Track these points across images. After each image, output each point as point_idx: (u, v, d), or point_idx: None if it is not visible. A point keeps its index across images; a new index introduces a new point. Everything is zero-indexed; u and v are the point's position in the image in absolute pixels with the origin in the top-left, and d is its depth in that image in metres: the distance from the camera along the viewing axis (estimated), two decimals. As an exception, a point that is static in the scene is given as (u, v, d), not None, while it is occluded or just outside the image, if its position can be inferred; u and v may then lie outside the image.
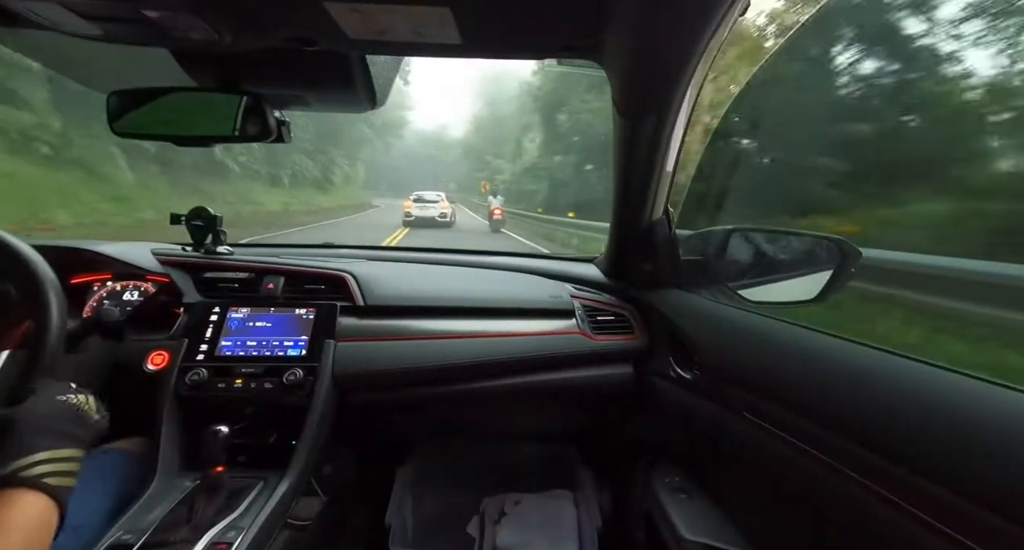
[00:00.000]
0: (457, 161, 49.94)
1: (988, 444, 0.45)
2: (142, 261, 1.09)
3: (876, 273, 2.21)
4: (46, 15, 0.60)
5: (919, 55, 2.83)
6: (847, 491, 0.57)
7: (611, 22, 0.62)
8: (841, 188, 2.96)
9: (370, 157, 41.94)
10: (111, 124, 0.77)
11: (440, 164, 54.03)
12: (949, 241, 2.19)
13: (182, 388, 0.92)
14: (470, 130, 51.44)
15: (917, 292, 2.11)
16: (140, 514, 0.77)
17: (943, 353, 1.66)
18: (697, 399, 0.94)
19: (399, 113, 42.47)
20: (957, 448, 0.47)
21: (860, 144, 2.97)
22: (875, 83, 3.24)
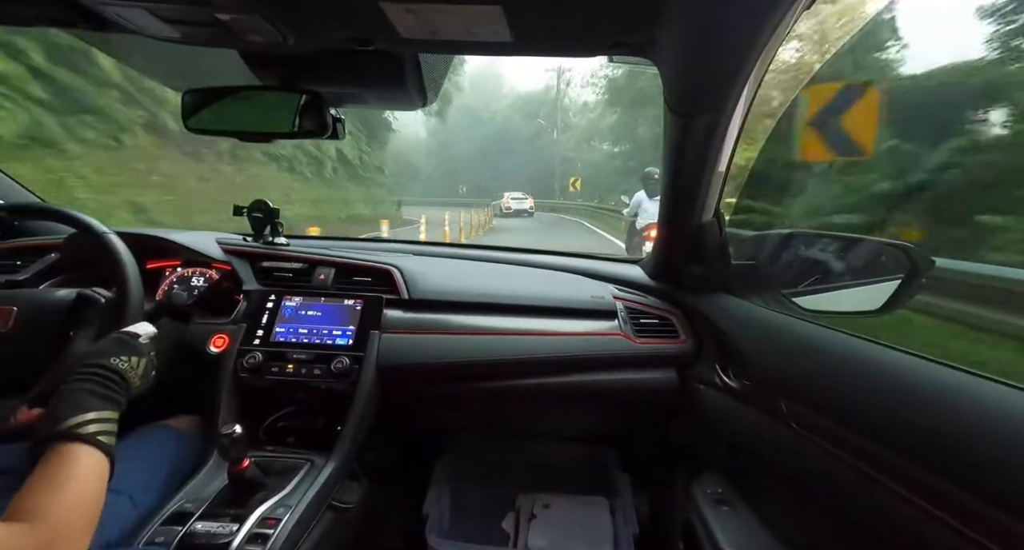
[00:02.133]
0: (522, 161, 39.12)
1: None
2: (208, 249, 1.17)
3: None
4: (134, 20, 0.65)
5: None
6: (903, 513, 0.54)
7: (665, 17, 0.61)
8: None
9: (398, 148, 33.16)
10: (185, 121, 0.83)
11: (496, 159, 42.16)
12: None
13: (240, 370, 0.98)
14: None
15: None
16: (199, 487, 0.83)
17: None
18: (744, 408, 0.90)
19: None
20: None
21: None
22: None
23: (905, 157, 2.90)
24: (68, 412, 0.56)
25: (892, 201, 2.83)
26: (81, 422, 0.56)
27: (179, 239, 1.16)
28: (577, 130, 36.70)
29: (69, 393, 0.59)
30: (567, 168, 33.21)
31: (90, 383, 0.60)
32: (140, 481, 0.80)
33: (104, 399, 0.60)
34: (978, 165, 2.47)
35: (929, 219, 2.51)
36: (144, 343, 0.72)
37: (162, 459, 0.87)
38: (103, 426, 0.58)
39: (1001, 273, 1.93)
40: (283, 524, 0.76)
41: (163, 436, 0.93)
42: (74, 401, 0.58)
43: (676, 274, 1.19)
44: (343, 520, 0.97)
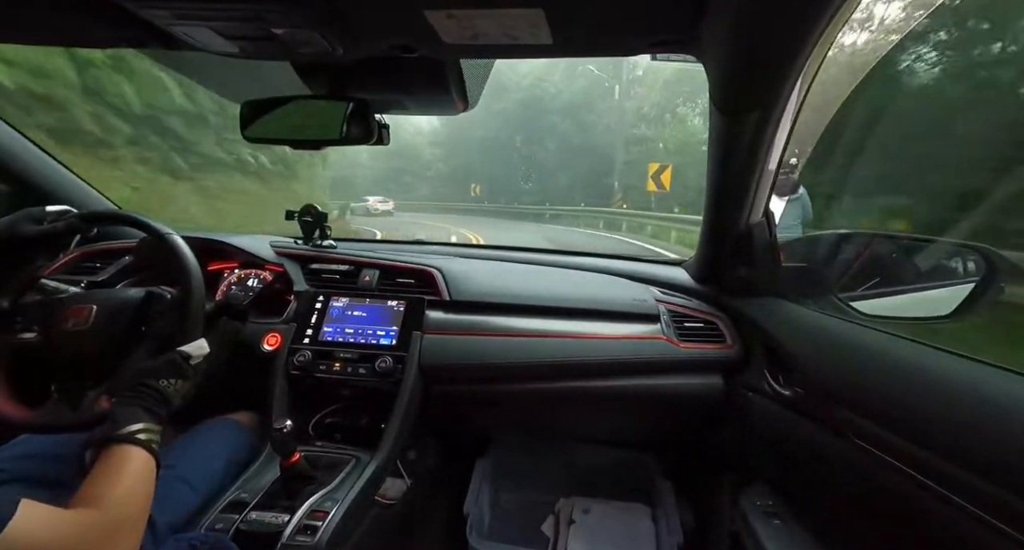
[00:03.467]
0: (564, 145, 24.25)
1: None
2: (262, 252, 1.23)
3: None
4: (198, 38, 0.70)
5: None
6: (970, 532, 0.49)
7: (711, 12, 0.59)
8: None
9: (399, 135, 23.02)
10: (243, 130, 0.88)
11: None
12: None
13: (291, 367, 1.02)
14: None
15: None
16: (254, 477, 0.87)
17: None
18: (796, 417, 0.86)
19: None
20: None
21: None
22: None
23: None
24: (124, 421, 0.65)
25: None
26: (133, 431, 0.65)
27: (236, 242, 1.22)
28: (651, 96, 21.59)
29: (125, 406, 0.68)
30: (639, 154, 20.08)
31: (141, 399, 0.70)
32: (202, 471, 0.86)
33: (151, 413, 0.69)
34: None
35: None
36: (194, 364, 0.78)
37: (223, 451, 0.93)
38: (150, 435, 0.66)
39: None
40: (331, 517, 0.79)
41: (225, 430, 0.99)
42: (130, 413, 0.67)
43: (722, 277, 1.15)
44: (386, 516, 1.00)
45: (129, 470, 0.61)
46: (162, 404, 0.71)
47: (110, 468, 0.61)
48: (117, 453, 0.62)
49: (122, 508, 0.58)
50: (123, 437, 0.63)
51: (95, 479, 0.59)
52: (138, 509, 0.60)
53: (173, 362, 0.75)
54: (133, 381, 0.72)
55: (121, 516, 0.57)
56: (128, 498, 0.59)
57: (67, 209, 0.84)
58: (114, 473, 0.60)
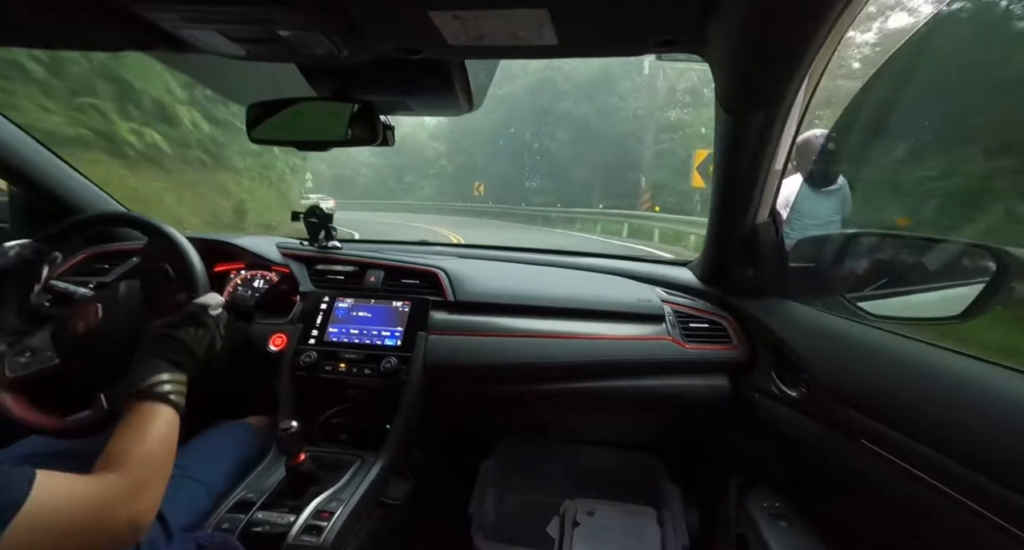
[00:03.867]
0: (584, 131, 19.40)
1: None
2: (268, 253, 1.23)
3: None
4: (206, 40, 0.70)
5: None
6: (983, 536, 0.49)
7: (717, 12, 0.59)
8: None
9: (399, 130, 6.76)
10: (249, 132, 0.88)
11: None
12: None
13: (296, 368, 1.03)
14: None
15: None
16: (260, 478, 0.88)
17: None
18: (804, 419, 0.85)
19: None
20: None
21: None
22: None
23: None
24: (143, 375, 0.65)
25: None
26: (154, 382, 0.64)
27: (242, 243, 1.23)
28: (687, 72, 16.10)
29: (144, 359, 0.67)
30: (673, 143, 16.47)
31: (161, 350, 0.69)
32: (214, 472, 0.87)
33: (173, 364, 0.68)
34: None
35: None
36: (214, 314, 0.78)
37: (235, 453, 0.94)
38: (173, 386, 0.65)
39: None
40: (336, 517, 0.79)
41: (237, 432, 1.00)
42: (148, 366, 0.66)
43: (728, 277, 1.14)
44: (391, 516, 1.00)
45: (152, 428, 0.61)
46: (185, 354, 0.70)
47: (133, 425, 0.61)
48: (140, 410, 0.62)
49: (144, 467, 0.58)
50: (145, 392, 0.63)
51: (119, 437, 0.60)
52: (160, 467, 0.60)
53: (190, 313, 0.75)
54: (153, 335, 0.71)
55: (143, 475, 0.57)
56: (150, 456, 0.59)
57: (27, 241, 0.83)
58: (137, 431, 0.60)
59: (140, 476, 0.57)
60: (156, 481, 0.59)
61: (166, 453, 0.62)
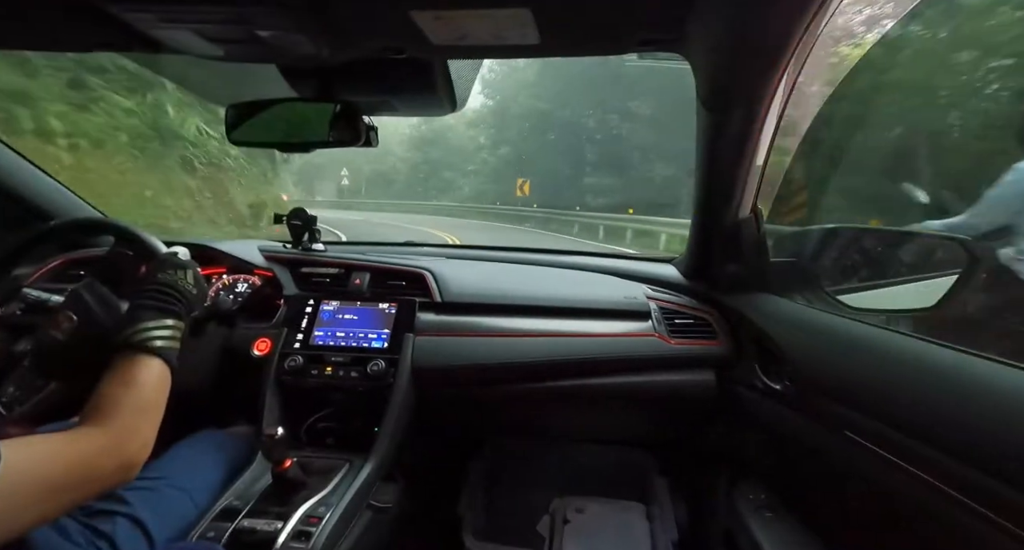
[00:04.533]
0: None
1: None
2: (251, 256, 1.21)
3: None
4: (182, 40, 0.69)
5: None
6: (963, 523, 0.50)
7: (696, 11, 0.59)
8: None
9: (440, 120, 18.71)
10: (228, 134, 0.87)
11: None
12: None
13: (281, 373, 1.01)
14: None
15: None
16: (246, 485, 0.86)
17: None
18: (787, 412, 0.87)
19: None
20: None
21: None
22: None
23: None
24: (127, 325, 0.62)
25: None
26: (137, 330, 0.62)
27: (224, 247, 1.21)
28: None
29: (130, 311, 0.65)
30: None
31: (146, 299, 0.66)
32: (199, 481, 0.85)
33: (160, 311, 0.65)
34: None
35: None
36: (185, 259, 0.76)
37: (220, 461, 0.92)
38: (161, 332, 0.63)
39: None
40: (324, 522, 0.78)
41: (222, 440, 0.98)
42: (132, 316, 0.64)
43: (712, 273, 1.16)
44: (381, 520, 0.99)
45: (141, 380, 0.59)
46: (174, 298, 0.68)
47: (120, 376, 0.58)
48: (121, 362, 0.60)
49: (129, 412, 0.56)
50: (123, 343, 0.61)
51: (100, 391, 0.57)
52: (147, 412, 0.58)
53: (162, 261, 0.73)
54: (134, 293, 0.68)
55: (129, 421, 0.55)
56: (134, 408, 0.57)
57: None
58: (124, 381, 0.58)
59: (126, 422, 0.55)
60: (143, 426, 0.57)
61: (152, 404, 0.59)
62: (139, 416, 0.57)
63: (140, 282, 0.71)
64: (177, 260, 0.74)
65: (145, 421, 0.58)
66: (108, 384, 0.58)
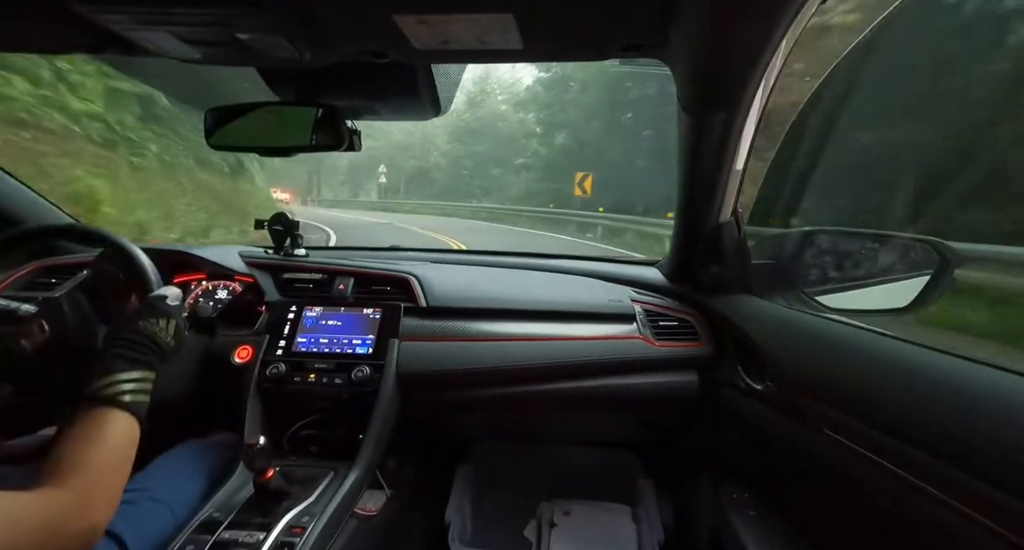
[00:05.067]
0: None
1: None
2: (231, 262, 1.19)
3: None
4: (159, 43, 0.67)
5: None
6: (942, 520, 0.52)
7: (677, 17, 0.60)
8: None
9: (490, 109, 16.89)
10: (207, 138, 0.85)
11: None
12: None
13: (263, 381, 0.99)
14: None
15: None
16: (227, 496, 0.84)
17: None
18: (769, 412, 0.88)
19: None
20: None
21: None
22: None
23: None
24: (96, 377, 0.60)
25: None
26: (107, 384, 0.59)
27: (203, 253, 1.19)
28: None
29: (103, 360, 0.62)
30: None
31: (121, 348, 0.63)
32: (180, 493, 0.83)
33: (133, 362, 0.63)
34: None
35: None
36: (173, 305, 0.74)
37: (201, 472, 0.90)
38: (133, 386, 0.60)
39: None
40: (309, 532, 0.76)
41: (203, 450, 0.96)
42: (103, 367, 0.61)
43: (694, 275, 1.17)
44: (367, 528, 0.98)
45: (109, 437, 0.56)
46: (149, 349, 0.65)
47: (86, 431, 0.55)
48: (87, 415, 0.57)
49: (95, 474, 0.53)
50: (91, 396, 0.58)
51: (66, 442, 0.54)
52: (114, 474, 0.56)
53: (148, 305, 0.70)
54: (110, 336, 0.66)
55: (94, 483, 0.53)
56: (105, 467, 0.54)
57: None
58: (90, 437, 0.55)
59: (91, 485, 0.52)
60: (111, 486, 0.55)
61: (118, 462, 0.57)
62: (107, 476, 0.55)
63: (122, 320, 0.69)
64: (164, 307, 0.72)
65: (113, 480, 0.55)
66: (74, 440, 0.55)
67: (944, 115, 2.49)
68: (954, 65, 2.38)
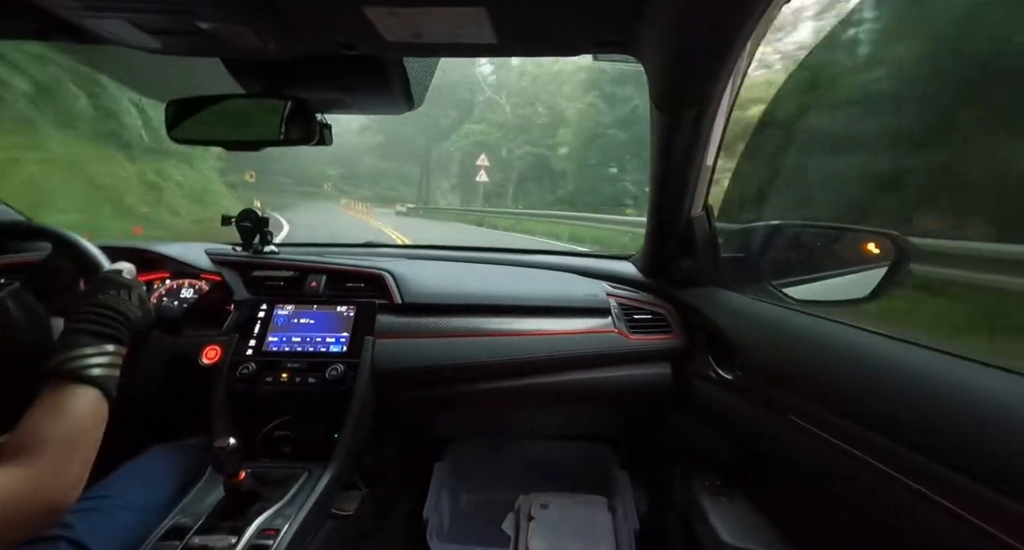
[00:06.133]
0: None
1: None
2: (197, 260, 1.15)
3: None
4: (113, 30, 0.64)
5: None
6: (898, 498, 0.54)
7: (648, 14, 0.61)
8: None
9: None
10: (169, 131, 0.82)
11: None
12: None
13: (233, 381, 0.97)
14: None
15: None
16: (196, 500, 0.82)
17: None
18: (738, 401, 0.91)
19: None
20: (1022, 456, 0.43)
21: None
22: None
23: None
24: (62, 350, 0.57)
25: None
26: (72, 357, 0.57)
27: (166, 251, 1.14)
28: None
29: (65, 334, 0.60)
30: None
31: (84, 322, 0.61)
32: (148, 500, 0.80)
33: (98, 336, 0.60)
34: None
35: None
36: (129, 277, 0.71)
37: (169, 477, 0.87)
38: (99, 359, 0.58)
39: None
40: (283, 534, 0.75)
41: (172, 455, 0.92)
42: (67, 340, 0.59)
43: (667, 269, 1.19)
44: (343, 528, 0.97)
45: (73, 412, 0.54)
46: (115, 321, 0.63)
47: (52, 406, 0.53)
48: (52, 390, 0.54)
49: (59, 448, 0.51)
50: (54, 370, 0.55)
51: (30, 417, 0.52)
52: (80, 459, 0.53)
53: (104, 278, 0.67)
54: (71, 316, 0.62)
55: (59, 457, 0.51)
56: (69, 444, 0.52)
57: None
58: (56, 413, 0.53)
59: (55, 460, 0.50)
60: (74, 463, 0.52)
61: (84, 438, 0.54)
62: (70, 453, 0.52)
63: (78, 300, 0.66)
64: (121, 279, 0.69)
65: (76, 458, 0.53)
66: (36, 416, 0.52)
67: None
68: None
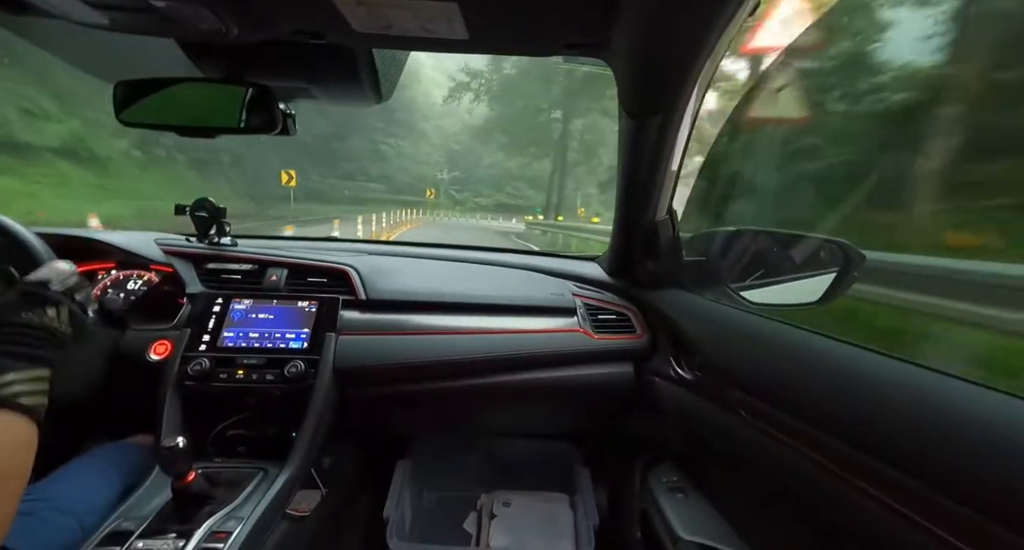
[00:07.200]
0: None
1: (991, 451, 0.45)
2: (146, 251, 1.09)
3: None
4: (54, 3, 0.60)
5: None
6: (842, 491, 0.57)
7: (618, 20, 0.62)
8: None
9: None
10: (117, 114, 0.77)
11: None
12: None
13: (184, 378, 0.92)
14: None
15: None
16: (141, 503, 0.78)
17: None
18: (697, 399, 0.94)
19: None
20: (955, 451, 0.47)
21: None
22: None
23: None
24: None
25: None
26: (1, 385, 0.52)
27: (112, 239, 1.08)
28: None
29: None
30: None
31: (5, 344, 0.55)
32: (89, 502, 0.75)
33: (22, 358, 0.55)
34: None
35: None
36: (54, 290, 0.63)
37: (113, 479, 0.82)
38: (25, 386, 0.54)
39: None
40: (234, 537, 0.72)
41: (116, 455, 0.87)
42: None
43: (632, 270, 1.22)
44: (299, 529, 0.94)
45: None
46: (41, 341, 0.57)
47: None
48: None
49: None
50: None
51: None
52: (8, 494, 0.50)
53: (24, 293, 0.61)
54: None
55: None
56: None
57: None
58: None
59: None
60: (3, 498, 0.49)
61: (14, 465, 0.51)
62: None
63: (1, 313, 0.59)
64: (48, 295, 0.61)
65: (4, 494, 0.49)
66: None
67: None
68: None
